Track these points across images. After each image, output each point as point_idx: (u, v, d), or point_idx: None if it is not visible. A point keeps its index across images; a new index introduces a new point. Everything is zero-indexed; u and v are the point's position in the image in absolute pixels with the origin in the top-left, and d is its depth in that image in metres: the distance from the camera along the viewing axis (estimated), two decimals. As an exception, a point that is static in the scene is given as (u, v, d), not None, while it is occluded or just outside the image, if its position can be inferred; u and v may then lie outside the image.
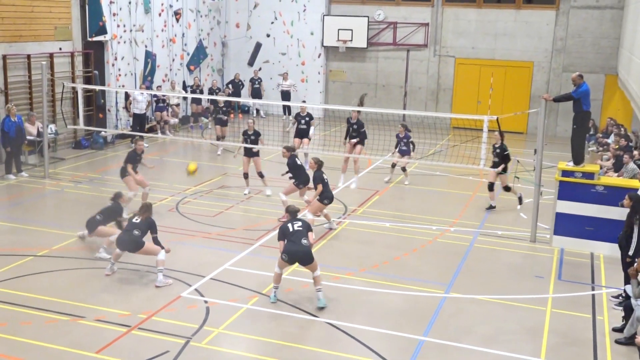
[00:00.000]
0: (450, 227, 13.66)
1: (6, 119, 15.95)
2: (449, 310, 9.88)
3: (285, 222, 10.00)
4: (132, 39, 21.74)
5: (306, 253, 9.61)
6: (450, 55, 25.72)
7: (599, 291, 10.80)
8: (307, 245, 9.63)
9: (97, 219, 11.51)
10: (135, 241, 10.44)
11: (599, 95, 23.74)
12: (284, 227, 9.88)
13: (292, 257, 9.61)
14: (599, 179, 12.43)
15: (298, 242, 9.60)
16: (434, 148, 20.86)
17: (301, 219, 10.13)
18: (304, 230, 9.76)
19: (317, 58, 26.99)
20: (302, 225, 9.81)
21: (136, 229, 10.50)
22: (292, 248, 9.59)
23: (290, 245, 9.62)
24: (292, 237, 9.67)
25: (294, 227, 9.76)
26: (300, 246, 9.58)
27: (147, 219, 10.63)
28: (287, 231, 9.76)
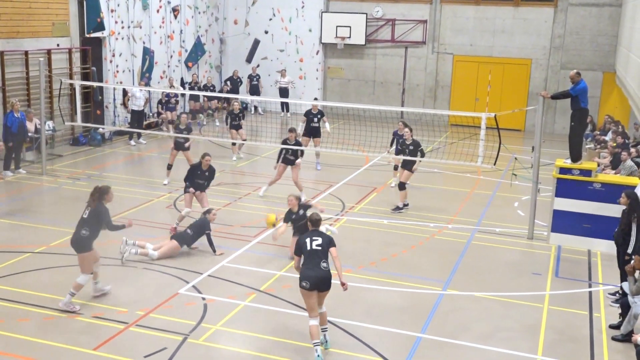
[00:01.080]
0: (448, 224, 13.68)
1: (9, 114, 15.89)
2: (447, 307, 9.90)
3: (304, 236, 8.46)
4: (130, 36, 21.70)
5: (326, 278, 8.21)
6: (449, 53, 25.71)
7: (596, 288, 10.82)
8: (327, 268, 8.22)
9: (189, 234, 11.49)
10: (78, 242, 9.16)
11: (597, 92, 23.76)
12: (301, 241, 8.38)
13: (314, 283, 8.14)
14: (596, 176, 12.45)
15: (317, 266, 8.17)
16: (431, 145, 20.86)
17: (322, 233, 8.49)
18: (325, 249, 8.26)
19: (315, 55, 26.97)
20: (321, 244, 8.27)
21: (84, 227, 9.17)
22: (310, 273, 8.14)
23: (308, 269, 8.17)
24: (309, 257, 8.21)
25: (312, 246, 8.24)
26: (319, 270, 8.17)
27: (93, 210, 9.18)
28: (305, 249, 8.28)
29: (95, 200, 9.24)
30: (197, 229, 11.60)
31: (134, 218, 13.17)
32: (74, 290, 9.21)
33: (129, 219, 9.82)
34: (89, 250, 9.24)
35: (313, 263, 8.18)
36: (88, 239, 9.21)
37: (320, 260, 8.19)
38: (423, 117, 23.85)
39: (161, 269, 10.82)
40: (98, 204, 9.24)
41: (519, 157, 17.08)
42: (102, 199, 9.29)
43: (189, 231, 11.57)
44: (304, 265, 8.24)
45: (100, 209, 9.25)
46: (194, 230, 11.59)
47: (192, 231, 11.57)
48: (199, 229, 11.59)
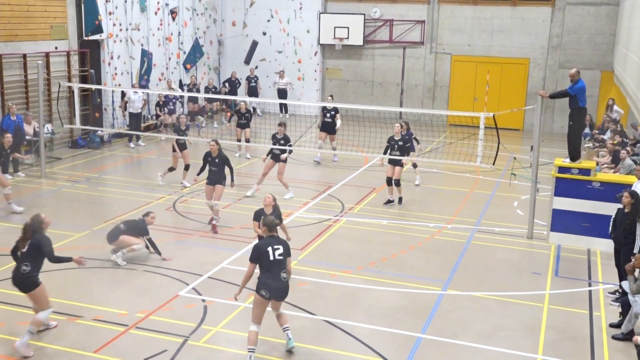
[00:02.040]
0: (447, 224, 13.68)
1: (5, 117, 15.90)
2: (447, 307, 9.90)
3: (263, 242, 8.29)
4: (128, 38, 21.70)
5: (285, 289, 8.21)
6: (447, 53, 25.73)
7: (595, 287, 10.83)
8: (286, 279, 8.17)
9: (121, 228, 11.06)
10: (22, 280, 8.28)
11: (595, 91, 23.78)
12: (262, 249, 8.12)
13: (273, 293, 8.08)
14: (595, 175, 12.46)
15: (277, 276, 8.06)
16: (430, 145, 20.86)
17: (282, 241, 8.35)
18: (284, 259, 8.18)
19: (313, 56, 26.98)
20: (283, 253, 8.15)
21: (24, 262, 8.23)
22: (273, 284, 8.04)
23: (269, 279, 8.04)
24: (270, 267, 8.07)
25: (274, 255, 8.08)
26: (280, 282, 8.09)
27: (32, 242, 8.26)
28: (266, 258, 8.08)
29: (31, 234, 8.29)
30: (131, 229, 11.07)
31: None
32: (34, 327, 8.23)
33: (78, 256, 8.73)
34: (37, 286, 8.32)
35: (274, 273, 8.06)
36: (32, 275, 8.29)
37: (280, 270, 8.11)
38: (422, 117, 23.86)
39: (161, 271, 10.81)
40: (38, 235, 8.31)
41: (517, 157, 17.08)
42: (40, 230, 8.38)
43: (122, 226, 11.10)
44: (265, 274, 8.08)
45: (41, 239, 8.30)
46: (127, 227, 11.07)
47: (125, 226, 11.07)
48: (134, 231, 11.06)
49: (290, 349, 8.40)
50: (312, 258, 11.60)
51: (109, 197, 14.90)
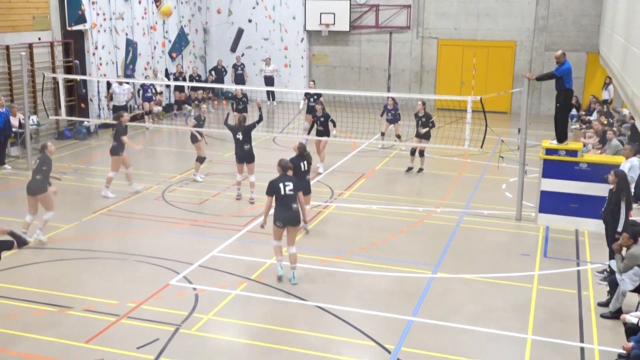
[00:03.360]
0: (436, 208, 13.73)
1: None
2: (437, 290, 9.96)
3: (276, 179, 9.97)
4: (112, 27, 21.51)
5: (296, 218, 9.97)
6: (433, 37, 25.70)
7: (584, 267, 10.92)
8: (297, 209, 9.95)
9: (38, 179, 11.41)
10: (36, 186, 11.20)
11: (581, 73, 23.86)
12: (275, 184, 9.88)
13: (285, 222, 9.87)
14: (582, 157, 12.53)
15: (289, 207, 9.83)
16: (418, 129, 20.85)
17: (292, 179, 10.03)
18: (295, 193, 9.92)
19: (299, 43, 26.87)
20: (293, 189, 9.89)
21: (38, 173, 11.24)
22: (284, 214, 9.81)
23: (281, 211, 9.83)
24: (283, 201, 9.81)
25: (285, 191, 9.81)
26: (291, 211, 9.86)
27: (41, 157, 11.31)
28: (278, 191, 9.81)
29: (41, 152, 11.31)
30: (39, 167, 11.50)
31: (124, 210, 13.18)
32: (43, 225, 11.40)
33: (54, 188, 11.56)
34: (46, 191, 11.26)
35: (287, 204, 9.82)
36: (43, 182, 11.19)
37: (292, 202, 9.86)
38: (409, 102, 23.86)
39: (151, 261, 10.80)
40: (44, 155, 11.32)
41: (505, 140, 17.12)
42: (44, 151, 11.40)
43: (37, 177, 11.41)
44: (280, 207, 9.85)
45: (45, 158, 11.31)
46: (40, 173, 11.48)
47: (40, 175, 11.44)
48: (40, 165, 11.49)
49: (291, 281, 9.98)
50: (303, 244, 11.62)
51: (97, 188, 14.82)
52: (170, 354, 8.03)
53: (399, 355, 8.10)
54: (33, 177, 11.44)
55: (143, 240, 11.78)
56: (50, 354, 7.98)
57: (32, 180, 11.42)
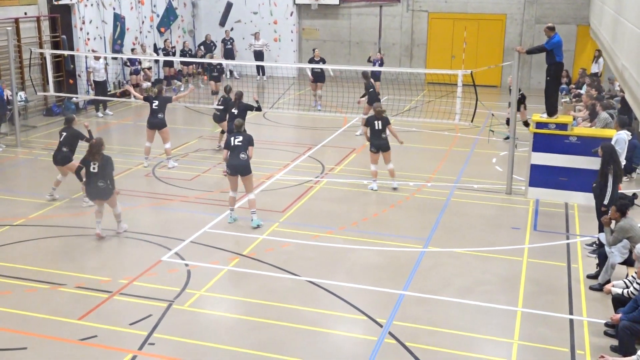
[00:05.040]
0: (427, 183, 13.77)
1: None
2: (428, 264, 10.03)
3: (229, 135, 11.38)
4: (99, 2, 21.22)
5: (243, 166, 11.02)
6: (424, 10, 25.53)
7: (573, 240, 11.02)
8: (244, 159, 11.00)
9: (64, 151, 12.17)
10: (103, 191, 10.61)
11: (572, 46, 23.82)
12: (228, 139, 11.22)
13: (233, 169, 11.09)
14: (572, 130, 12.56)
15: (237, 156, 10.99)
16: (409, 104, 20.86)
17: (244, 134, 11.21)
18: (244, 145, 11.04)
19: (289, 17, 26.64)
20: (242, 141, 11.05)
21: (99, 180, 10.56)
22: (232, 162, 11.05)
23: (230, 159, 11.06)
24: (232, 151, 11.04)
25: (234, 142, 11.04)
26: (238, 160, 10.99)
27: (102, 160, 10.60)
28: (229, 144, 11.09)
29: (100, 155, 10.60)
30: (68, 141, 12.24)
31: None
32: (119, 218, 10.95)
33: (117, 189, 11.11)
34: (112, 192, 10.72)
35: (235, 154, 10.98)
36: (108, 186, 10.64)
37: (240, 151, 10.98)
38: (400, 75, 23.78)
39: (143, 237, 10.81)
40: (105, 157, 10.69)
41: (496, 114, 17.14)
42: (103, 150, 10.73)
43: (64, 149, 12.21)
44: (230, 155, 11.05)
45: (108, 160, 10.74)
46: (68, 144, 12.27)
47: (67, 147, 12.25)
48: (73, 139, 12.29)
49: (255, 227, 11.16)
50: (294, 220, 11.65)
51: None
52: (163, 330, 8.07)
53: (390, 329, 8.18)
54: (59, 149, 12.20)
55: (134, 216, 11.76)
56: (43, 332, 8.01)
57: (59, 151, 12.21)
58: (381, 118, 13.02)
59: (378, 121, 13.00)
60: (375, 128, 12.99)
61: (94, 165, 10.54)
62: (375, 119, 13.06)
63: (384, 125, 13.02)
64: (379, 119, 13.01)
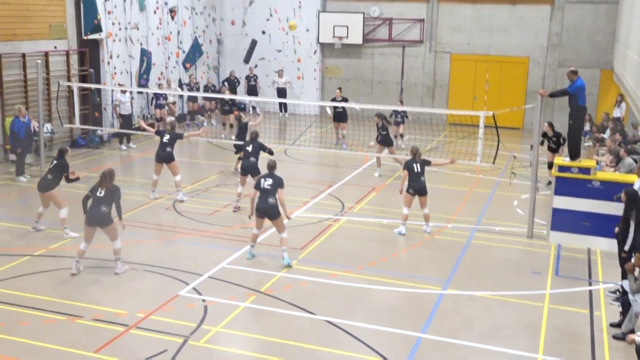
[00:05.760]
0: (447, 224, 13.67)
1: (16, 119, 15.80)
2: (447, 306, 9.89)
3: (260, 176, 11.36)
4: (127, 37, 21.67)
5: (272, 211, 10.93)
6: (446, 51, 25.71)
7: (596, 287, 10.82)
8: (273, 203, 10.90)
9: (49, 179, 12.21)
10: (103, 217, 10.48)
11: (595, 90, 23.76)
12: (258, 180, 11.18)
13: (261, 213, 11.00)
14: (595, 174, 12.45)
15: (265, 200, 10.90)
16: (430, 144, 20.86)
17: (273, 176, 11.08)
18: (273, 188, 10.92)
19: (312, 55, 26.96)
20: (271, 184, 10.94)
21: (103, 204, 10.50)
22: (260, 205, 10.96)
23: (258, 202, 10.99)
24: (262, 194, 10.97)
25: (264, 185, 10.95)
26: (267, 204, 10.89)
27: (109, 188, 10.57)
28: (259, 186, 11.02)
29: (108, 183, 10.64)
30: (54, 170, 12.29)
31: (134, 220, 13.20)
32: (118, 255, 10.64)
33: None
34: (112, 221, 10.60)
35: (264, 197, 10.90)
36: (109, 214, 10.57)
37: (269, 195, 10.88)
38: (421, 116, 23.84)
39: (161, 271, 10.81)
40: (114, 186, 10.70)
41: (517, 156, 17.07)
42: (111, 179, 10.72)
43: (49, 176, 12.23)
44: (259, 199, 10.97)
45: (114, 189, 10.66)
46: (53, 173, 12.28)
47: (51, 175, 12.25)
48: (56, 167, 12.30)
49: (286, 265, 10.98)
50: (313, 257, 11.60)
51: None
52: (179, 365, 8.01)
53: (407, 372, 8.04)
54: (45, 175, 12.34)
55: (153, 250, 11.80)
56: (58, 363, 7.98)
57: (44, 178, 12.30)
58: (419, 160, 12.96)
59: (416, 164, 12.90)
60: (415, 171, 12.86)
61: (101, 190, 10.56)
62: (413, 162, 12.93)
63: (422, 167, 12.94)
64: (417, 162, 12.94)
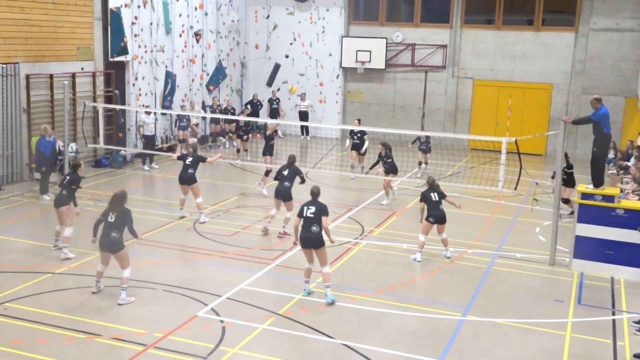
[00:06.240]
0: (468, 249, 13.57)
1: (42, 138, 16.07)
2: (467, 333, 9.78)
3: (304, 203, 10.73)
4: (152, 59, 22.00)
5: (316, 240, 10.43)
6: (469, 77, 25.73)
7: (619, 316, 10.64)
8: (316, 232, 10.40)
9: (64, 194, 12.24)
10: (113, 243, 10.23)
11: (619, 117, 23.58)
12: (301, 208, 10.66)
13: (305, 243, 10.50)
14: (619, 202, 12.30)
15: (309, 229, 10.42)
16: (452, 169, 20.78)
17: (317, 202, 10.63)
18: (316, 216, 10.42)
19: (335, 79, 27.13)
20: (314, 212, 10.44)
21: (114, 230, 10.21)
22: (303, 234, 10.47)
23: (302, 230, 10.50)
24: (305, 222, 10.49)
25: (306, 214, 10.48)
26: (310, 233, 10.41)
27: (120, 211, 10.30)
28: (302, 214, 10.55)
29: (116, 207, 10.34)
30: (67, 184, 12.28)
31: (155, 240, 13.28)
32: (125, 284, 10.29)
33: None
34: (123, 247, 10.32)
35: (307, 226, 10.43)
36: (120, 239, 10.30)
37: (312, 224, 10.40)
38: (443, 141, 23.81)
39: (180, 291, 10.83)
40: (124, 209, 10.38)
41: (540, 182, 16.93)
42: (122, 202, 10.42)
43: (63, 192, 12.27)
44: (302, 227, 10.48)
45: (125, 212, 10.37)
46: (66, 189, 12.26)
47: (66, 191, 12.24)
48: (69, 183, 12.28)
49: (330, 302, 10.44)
50: (331, 280, 11.53)
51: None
52: (195, 386, 7.99)
53: (426, 399, 7.93)
54: (60, 192, 12.34)
55: (172, 270, 11.84)
56: (76, 381, 8.00)
57: (58, 194, 12.34)
58: (438, 190, 12.94)
59: (434, 193, 12.85)
60: (433, 200, 12.79)
61: (112, 215, 10.28)
62: (431, 191, 12.87)
63: (440, 196, 12.89)
64: (435, 191, 12.90)
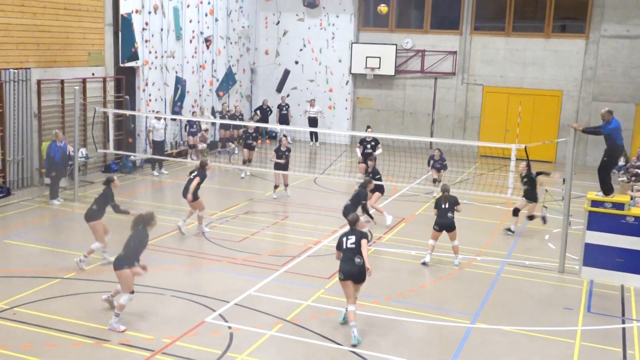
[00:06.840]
0: (477, 256, 13.52)
1: (53, 143, 16.17)
2: (475, 340, 9.73)
3: (343, 233, 9.91)
4: (163, 65, 22.10)
5: (359, 273, 9.53)
6: (478, 84, 25.68)
7: (629, 324, 10.56)
8: (360, 264, 9.50)
9: (94, 209, 12.02)
10: (116, 262, 9.71)
11: (630, 125, 23.46)
12: (340, 238, 9.78)
13: (346, 275, 9.54)
14: (629, 210, 12.22)
15: (351, 260, 9.53)
16: (461, 176, 20.73)
17: (355, 231, 9.79)
18: (357, 247, 9.56)
19: (344, 85, 27.15)
20: (354, 242, 9.59)
21: (124, 248, 9.79)
22: (345, 267, 9.55)
23: (343, 262, 9.61)
24: (345, 254, 9.64)
25: (347, 245, 9.62)
26: (353, 264, 9.50)
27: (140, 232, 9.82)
28: (342, 246, 9.70)
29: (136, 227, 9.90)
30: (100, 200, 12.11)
31: (163, 245, 13.32)
32: (119, 311, 9.62)
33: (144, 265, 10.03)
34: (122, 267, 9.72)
35: (348, 258, 9.55)
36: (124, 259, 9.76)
37: (354, 255, 9.53)
38: (452, 147, 23.76)
39: (188, 297, 10.84)
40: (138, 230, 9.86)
41: (549, 189, 16.86)
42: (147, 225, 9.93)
43: (94, 207, 12.04)
44: (342, 259, 9.65)
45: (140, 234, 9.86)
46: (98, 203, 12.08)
47: (96, 206, 12.04)
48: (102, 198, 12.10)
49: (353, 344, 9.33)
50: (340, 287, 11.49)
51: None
52: (203, 392, 7.98)
53: (433, 407, 7.89)
54: (91, 205, 12.12)
55: (180, 276, 11.86)
56: (84, 386, 8.02)
57: (89, 208, 12.10)
58: (448, 198, 12.88)
59: (446, 202, 12.87)
60: (442, 207, 12.82)
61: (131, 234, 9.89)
62: (442, 199, 12.89)
63: (451, 205, 12.85)
64: (446, 199, 12.87)
